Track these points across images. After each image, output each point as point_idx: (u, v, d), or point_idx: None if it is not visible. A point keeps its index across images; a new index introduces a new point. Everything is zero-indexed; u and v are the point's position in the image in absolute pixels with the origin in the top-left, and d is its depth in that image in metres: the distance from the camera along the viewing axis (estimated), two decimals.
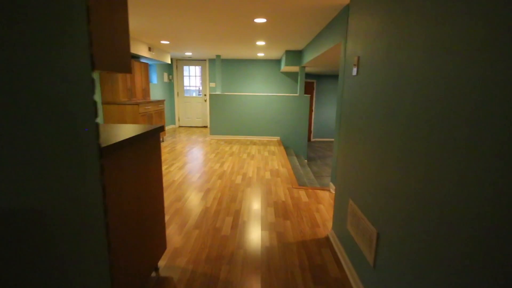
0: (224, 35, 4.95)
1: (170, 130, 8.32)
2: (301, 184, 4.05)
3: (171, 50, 6.88)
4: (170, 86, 8.81)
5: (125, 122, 5.10)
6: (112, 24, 1.28)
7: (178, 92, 8.95)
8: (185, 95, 9.00)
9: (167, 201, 2.97)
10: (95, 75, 4.89)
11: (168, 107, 8.67)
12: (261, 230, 2.40)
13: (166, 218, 2.59)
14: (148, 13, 3.59)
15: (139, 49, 5.54)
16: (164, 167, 4.25)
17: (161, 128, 1.69)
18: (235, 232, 2.35)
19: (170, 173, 3.98)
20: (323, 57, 4.55)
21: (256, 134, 6.91)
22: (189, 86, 8.99)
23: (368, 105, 1.57)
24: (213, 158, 4.90)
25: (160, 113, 6.15)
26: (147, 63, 6.12)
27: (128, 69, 1.35)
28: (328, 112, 10.08)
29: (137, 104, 5.05)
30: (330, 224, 2.53)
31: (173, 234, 2.30)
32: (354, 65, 1.79)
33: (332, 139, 10.28)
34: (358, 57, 1.75)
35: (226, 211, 2.76)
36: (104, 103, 5.08)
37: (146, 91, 6.14)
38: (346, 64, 2.01)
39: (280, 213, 2.74)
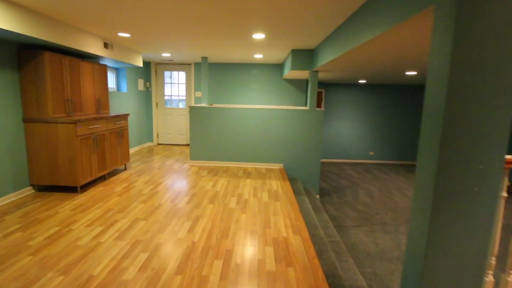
0: (208, 21, 3.33)
1: (144, 149, 6.62)
2: (331, 273, 2.35)
3: (142, 49, 5.26)
4: (147, 96, 7.17)
5: (56, 148, 3.42)
6: None
7: (157, 103, 7.30)
8: (166, 106, 7.35)
9: None
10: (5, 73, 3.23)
11: (144, 121, 7.00)
12: None
13: None
14: None
15: (88, 44, 3.89)
16: (95, 231, 2.54)
17: None
18: None
19: (99, 248, 2.27)
20: (365, 49, 2.92)
21: (251, 161, 5.23)
22: (171, 95, 7.34)
23: None
24: (184, 207, 3.21)
25: (120, 134, 4.48)
26: (104, 65, 4.47)
27: None
28: (339, 128, 8.45)
29: (74, 122, 3.38)
30: None
31: None
32: None
33: (345, 160, 8.61)
34: None
35: None
36: (25, 120, 3.41)
37: (101, 103, 4.47)
38: None
39: None
